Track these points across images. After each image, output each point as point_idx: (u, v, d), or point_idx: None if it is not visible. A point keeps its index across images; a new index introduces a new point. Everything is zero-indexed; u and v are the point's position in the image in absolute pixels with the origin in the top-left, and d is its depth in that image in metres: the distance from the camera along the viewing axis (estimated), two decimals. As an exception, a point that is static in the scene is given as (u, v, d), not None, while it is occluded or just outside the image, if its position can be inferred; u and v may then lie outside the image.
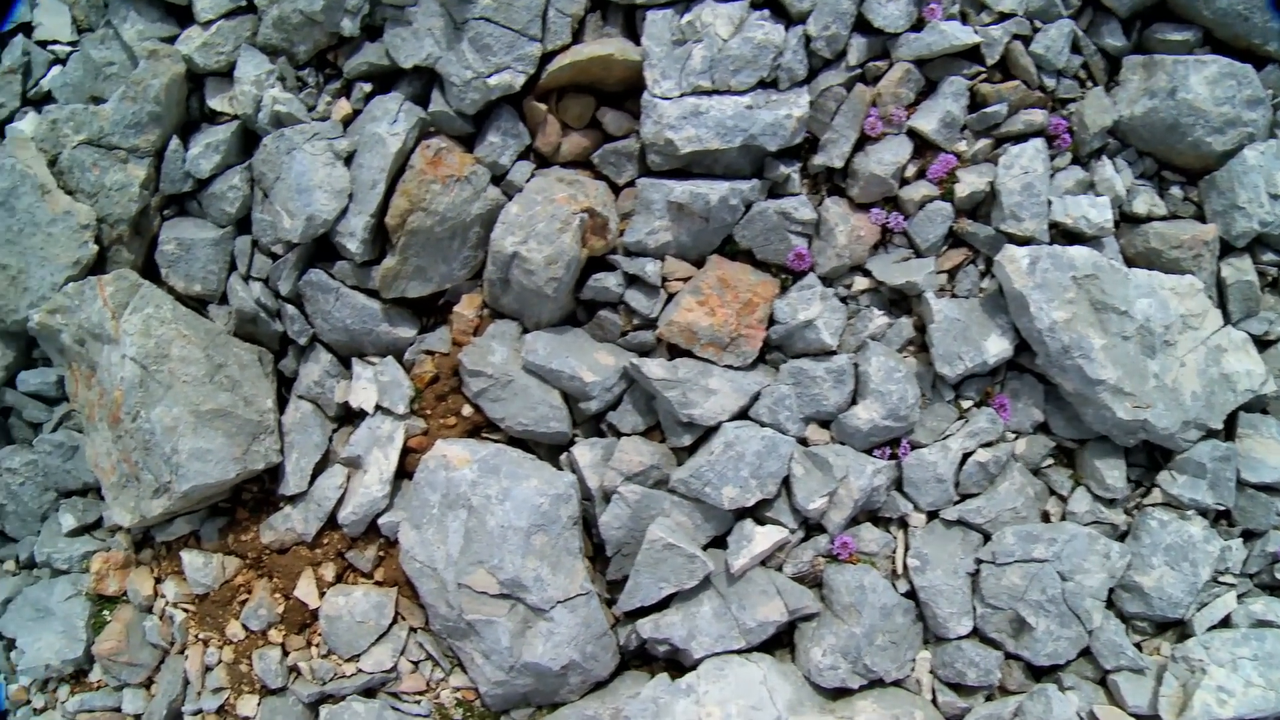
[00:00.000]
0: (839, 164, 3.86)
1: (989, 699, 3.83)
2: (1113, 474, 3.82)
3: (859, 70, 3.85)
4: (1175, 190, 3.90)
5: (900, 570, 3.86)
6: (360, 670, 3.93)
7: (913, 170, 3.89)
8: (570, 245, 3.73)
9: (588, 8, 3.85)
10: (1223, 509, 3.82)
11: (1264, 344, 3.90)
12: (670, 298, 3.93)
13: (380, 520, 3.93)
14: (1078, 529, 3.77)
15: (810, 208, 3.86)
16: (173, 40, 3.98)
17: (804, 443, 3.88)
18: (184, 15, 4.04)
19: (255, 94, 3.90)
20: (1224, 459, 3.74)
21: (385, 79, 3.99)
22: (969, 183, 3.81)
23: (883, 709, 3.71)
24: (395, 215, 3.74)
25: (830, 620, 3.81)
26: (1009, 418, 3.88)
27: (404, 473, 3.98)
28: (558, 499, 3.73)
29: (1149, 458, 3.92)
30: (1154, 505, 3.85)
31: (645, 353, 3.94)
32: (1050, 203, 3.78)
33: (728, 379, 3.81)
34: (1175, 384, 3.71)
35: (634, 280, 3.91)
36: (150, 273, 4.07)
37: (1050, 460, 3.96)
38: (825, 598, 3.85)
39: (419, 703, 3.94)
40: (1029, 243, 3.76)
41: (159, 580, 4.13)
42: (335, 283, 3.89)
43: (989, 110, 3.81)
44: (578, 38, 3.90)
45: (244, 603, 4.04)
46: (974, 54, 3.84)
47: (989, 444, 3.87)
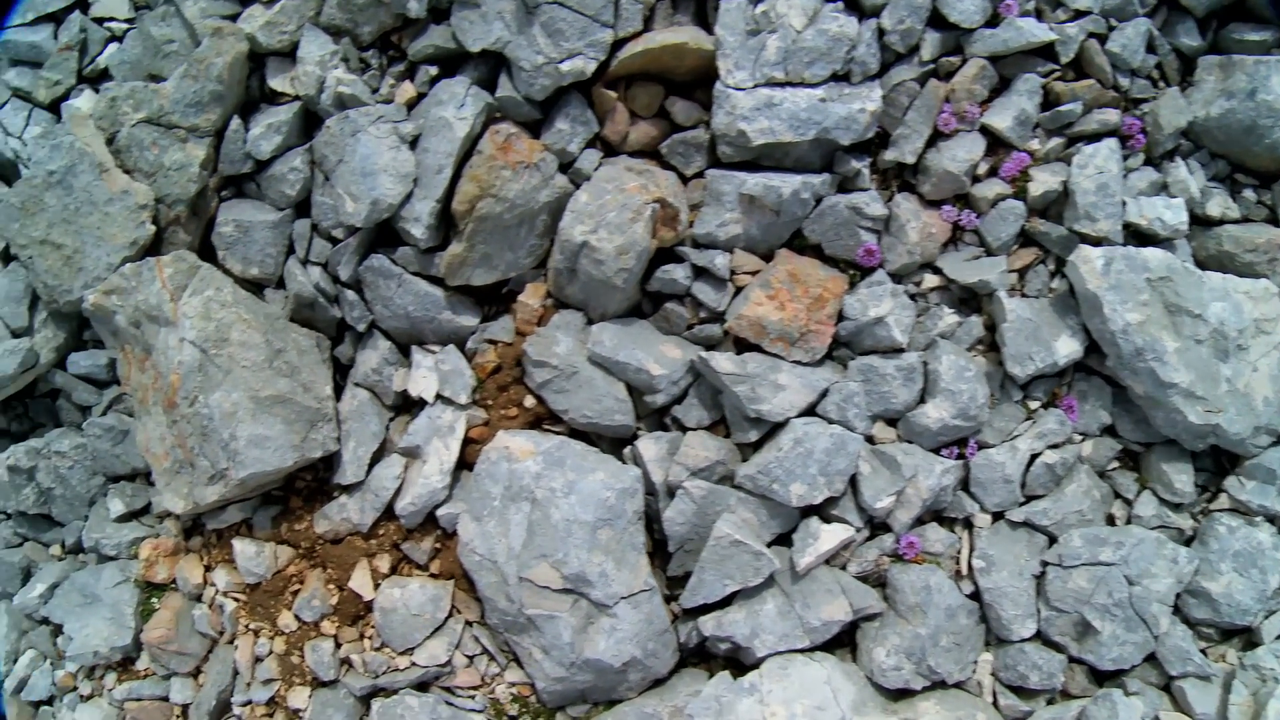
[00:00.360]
0: (911, 160, 3.81)
1: (1050, 703, 3.80)
2: (1180, 478, 3.79)
3: (932, 65, 3.80)
4: (1248, 193, 3.87)
5: (965, 571, 3.83)
6: (414, 664, 3.87)
7: (984, 168, 3.85)
8: (642, 236, 3.67)
9: (660, -6, 3.80)
10: (1292, 516, 3.81)
11: (1335, 350, 3.88)
12: (738, 291, 3.88)
13: (439, 512, 3.86)
14: (1145, 533, 3.75)
15: (881, 203, 3.81)
16: (235, 18, 3.90)
17: (870, 440, 3.84)
18: (247, -7, 3.97)
19: (318, 75, 3.83)
20: (1294, 465, 3.73)
21: (450, 62, 3.92)
22: (1042, 181, 3.77)
23: (945, 710, 3.68)
24: (463, 201, 3.67)
25: (894, 620, 3.77)
26: (1076, 419, 3.85)
27: (463, 464, 3.91)
28: (624, 493, 3.68)
29: (1216, 463, 3.90)
30: (1221, 511, 3.82)
31: (711, 346, 3.88)
32: (1124, 204, 3.74)
33: (796, 375, 3.77)
34: (1247, 389, 3.68)
35: (701, 272, 3.86)
36: (206, 255, 3.99)
37: (1115, 463, 3.93)
38: (889, 597, 3.81)
39: (473, 698, 3.88)
40: (1102, 243, 3.72)
41: (209, 568, 4.05)
42: (398, 269, 3.82)
43: (1063, 109, 3.77)
44: (648, 25, 3.84)
45: (296, 593, 3.97)
46: (1047, 51, 3.80)
47: (1056, 445, 3.84)
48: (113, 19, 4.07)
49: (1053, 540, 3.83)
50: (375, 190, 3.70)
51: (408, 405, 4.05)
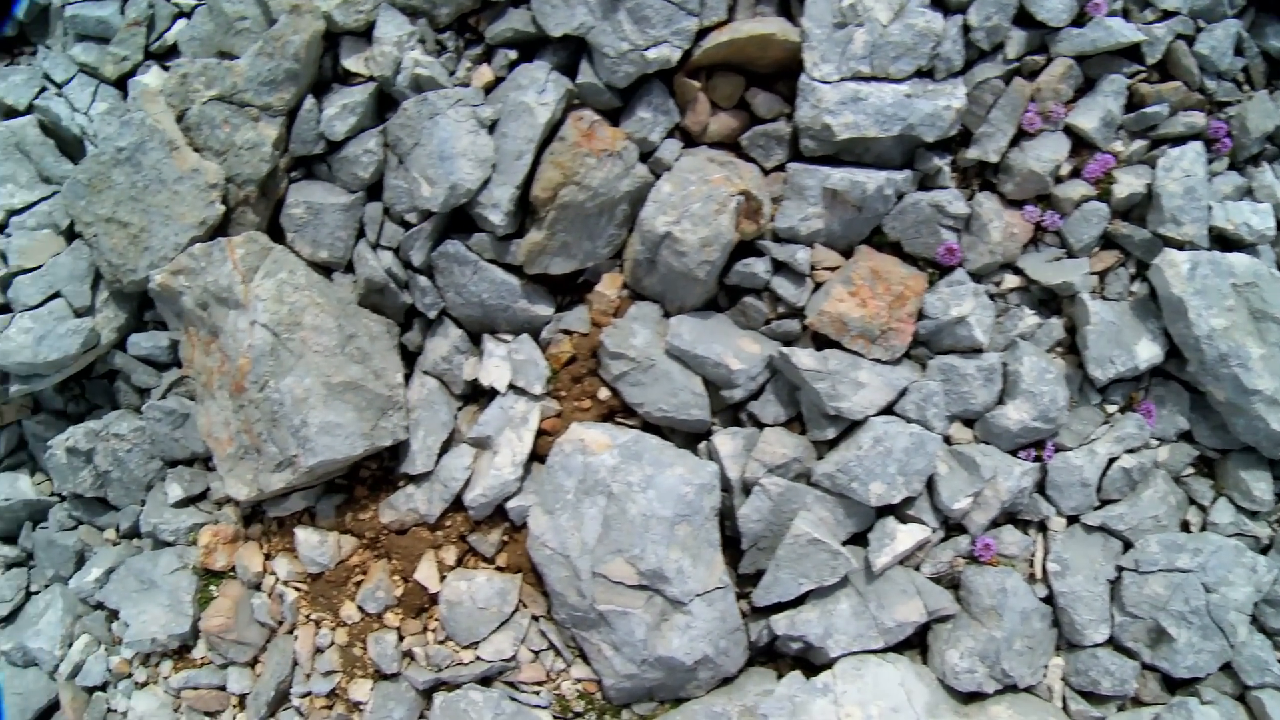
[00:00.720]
0: (994, 159, 3.76)
1: (1122, 709, 3.76)
2: (1259, 486, 3.76)
3: (1016, 64, 3.75)
4: (1333, 200, 3.85)
5: (1039, 574, 3.79)
6: (479, 658, 3.80)
7: (1066, 169, 3.81)
8: (726, 228, 3.61)
9: (744, -16, 3.74)
10: (1370, 526, 3.79)
11: None
12: (817, 287, 3.83)
13: (509, 504, 3.79)
14: (1224, 540, 3.71)
15: (963, 202, 3.76)
16: (311, -4, 3.82)
17: (948, 441, 3.80)
18: (323, -30, 3.89)
19: (395, 56, 3.75)
20: (1375, 475, 3.70)
21: (527, 47, 3.85)
22: (1127, 184, 3.73)
23: (1018, 715, 3.64)
24: (546, 188, 3.61)
25: (967, 622, 3.73)
26: (1154, 424, 3.81)
27: (534, 455, 3.85)
28: (702, 489, 3.62)
29: (1294, 470, 3.87)
30: (1300, 519, 3.80)
31: (789, 341, 3.83)
32: (1210, 208, 3.71)
33: (876, 373, 3.72)
34: (1330, 397, 3.66)
35: (781, 267, 3.81)
36: (273, 237, 3.90)
37: (1191, 469, 3.90)
38: (962, 599, 3.77)
39: (538, 693, 3.81)
40: (1187, 248, 3.68)
41: (268, 557, 3.98)
42: (473, 255, 3.75)
43: (1148, 111, 3.73)
44: (731, 14, 3.78)
45: (359, 584, 3.89)
46: (1132, 52, 3.77)
47: (1133, 450, 3.80)
48: (182, -6, 4.00)
49: (1128, 545, 3.80)
50: (453, 175, 3.63)
51: (476, 395, 3.99)
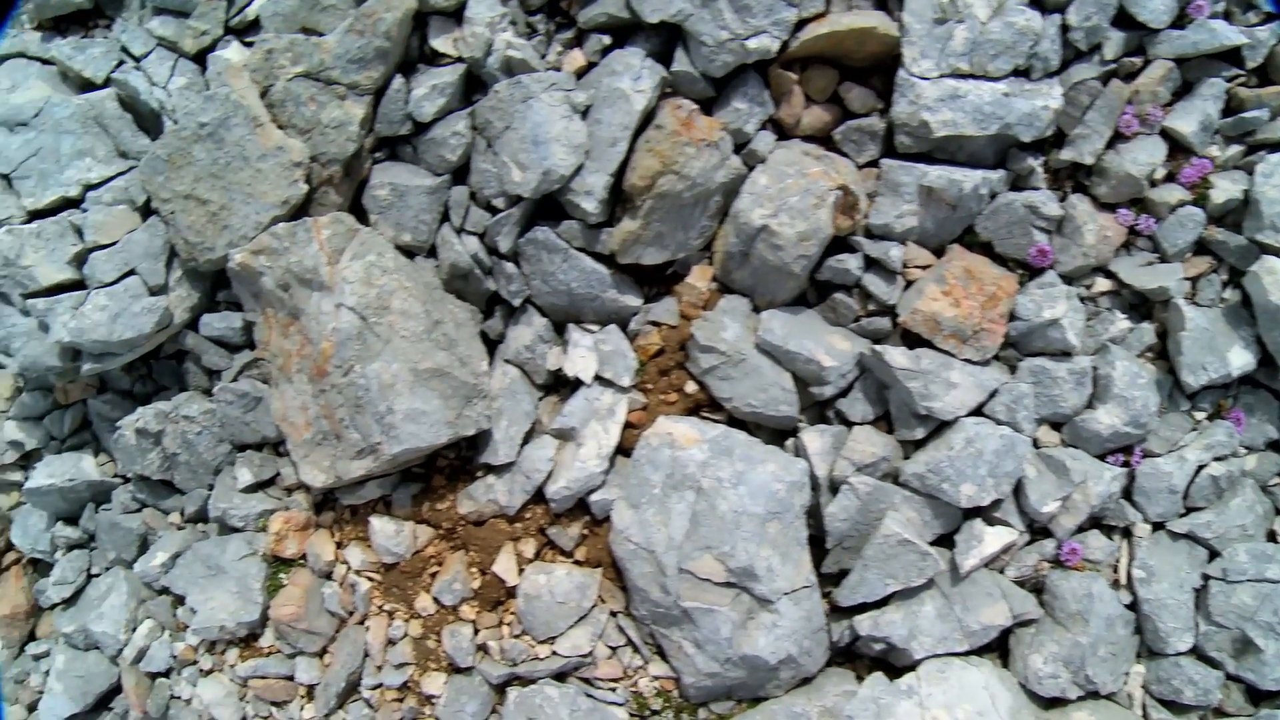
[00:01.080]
0: (1090, 160, 3.72)
1: (1203, 719, 3.74)
2: (1347, 497, 3.74)
3: (1113, 65, 3.71)
4: None
5: (1123, 581, 3.76)
6: (555, 653, 3.74)
7: (1161, 173, 3.77)
8: (825, 222, 3.56)
9: (840, -24, 3.68)
10: None
11: None
12: (907, 285, 3.78)
13: (592, 497, 3.73)
14: (1313, 551, 3.69)
15: (1056, 203, 3.72)
16: (402, -27, 3.74)
17: (1035, 444, 3.76)
18: (414, -52, 3.81)
19: (487, 37, 3.68)
20: None
21: (620, 32, 3.79)
22: (1223, 189, 3.69)
23: (1100, 722, 3.62)
24: (643, 176, 3.54)
25: (1051, 627, 3.69)
26: (1243, 432, 3.78)
27: (618, 448, 3.78)
28: (793, 486, 3.57)
29: (1381, 483, 3.85)
30: (1388, 532, 3.78)
31: (878, 339, 3.78)
32: (1309, 215, 3.67)
33: (968, 373, 3.67)
34: None
35: (872, 264, 3.76)
36: (354, 218, 3.82)
37: (1278, 479, 3.87)
38: (1046, 603, 3.73)
39: (614, 690, 3.76)
40: (1284, 255, 3.65)
41: (340, 545, 3.90)
42: (563, 243, 3.68)
43: (1247, 115, 3.68)
44: (827, 7, 3.72)
45: (435, 575, 3.82)
46: (1232, 55, 3.73)
47: (1221, 458, 3.77)
48: (265, -31, 3.90)
49: (1213, 554, 3.77)
50: (547, 160, 3.56)
51: (557, 385, 3.92)
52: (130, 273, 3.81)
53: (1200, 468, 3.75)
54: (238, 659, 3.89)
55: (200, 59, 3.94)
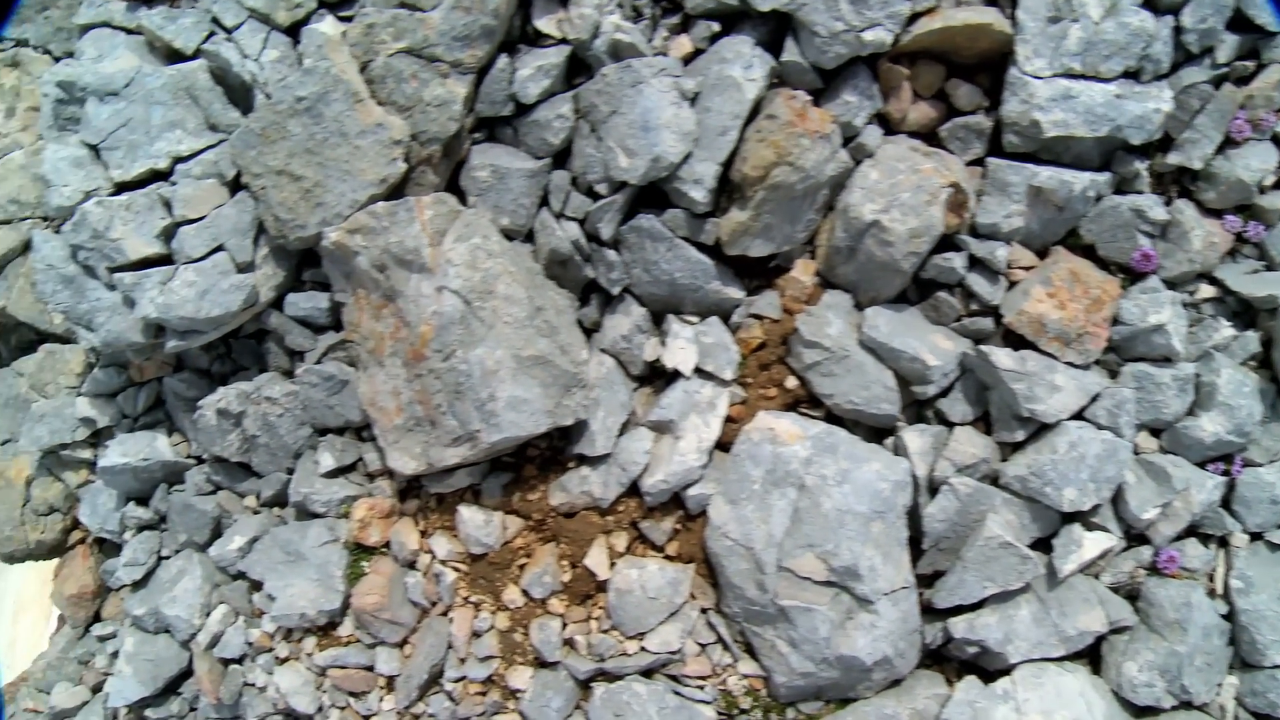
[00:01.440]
0: (1198, 165, 3.68)
1: (1296, 732, 3.72)
2: None
3: (1224, 69, 3.68)
4: None
5: (1220, 590, 3.73)
6: (644, 649, 3.68)
7: (1271, 179, 3.74)
8: (937, 220, 3.51)
9: (952, -29, 3.63)
10: None
11: None
12: (1010, 285, 3.73)
13: (688, 492, 3.66)
14: None
15: (1163, 208, 3.69)
16: (510, -49, 3.65)
17: (1134, 449, 3.72)
18: (520, -76, 3.72)
19: (594, 19, 3.60)
20: None
21: (728, 19, 3.72)
22: (1332, 198, 3.67)
23: (1193, 732, 3.59)
24: (756, 167, 3.48)
25: (1146, 635, 3.66)
26: (1341, 444, 3.77)
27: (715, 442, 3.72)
28: (897, 486, 3.52)
29: None
30: None
31: (980, 339, 3.74)
32: None
33: (1071, 376, 3.63)
34: None
35: (976, 263, 3.71)
36: (450, 201, 3.74)
37: (1373, 493, 3.85)
38: (1141, 611, 3.70)
39: (702, 688, 3.70)
40: (1393, 267, 3.64)
41: (425, 534, 3.82)
42: (669, 232, 3.61)
43: (1356, 124, 3.67)
44: (938, 2, 3.67)
45: (523, 567, 3.75)
46: (1344, 62, 3.70)
47: (1321, 469, 3.76)
48: (364, -60, 3.80)
49: (1309, 565, 3.76)
50: (656, 146, 3.49)
51: (652, 377, 3.85)
52: (218, 249, 3.71)
53: (1299, 478, 3.73)
54: (315, 648, 3.80)
55: (293, 32, 3.83)
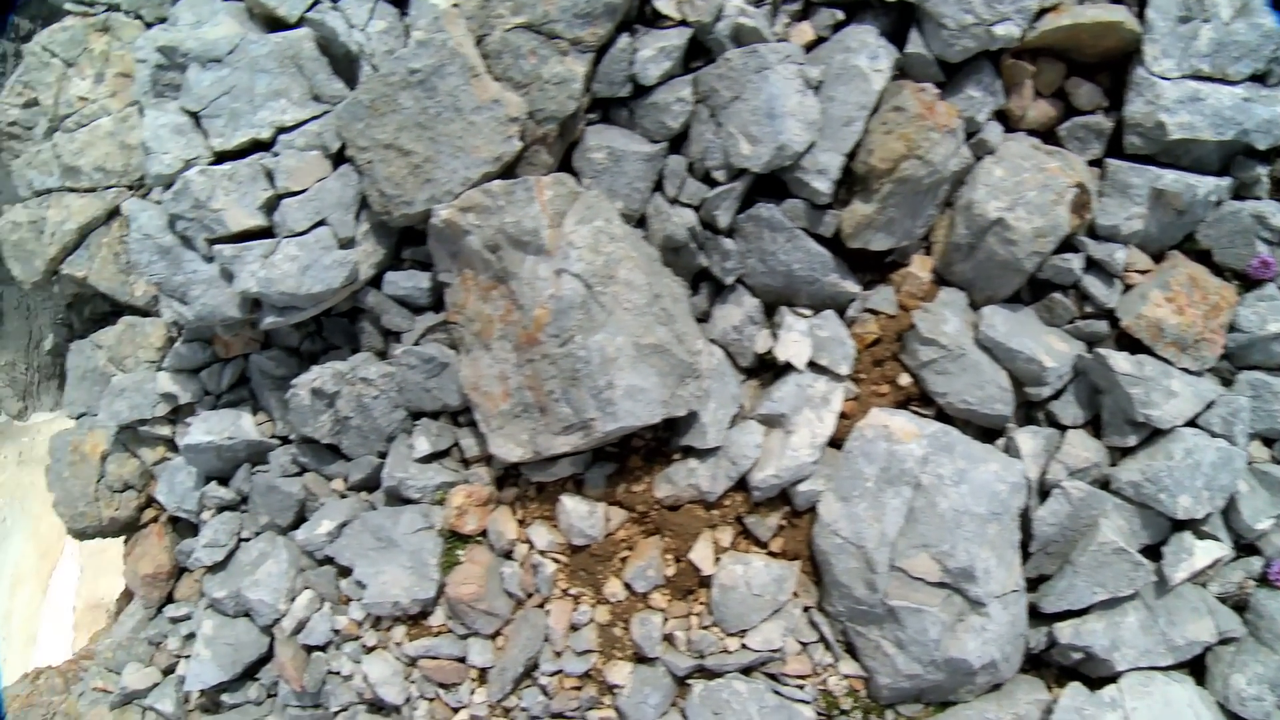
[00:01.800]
0: (1319, 172, 3.66)
1: (1395, 747, 3.70)
2: None
3: (1347, 74, 3.65)
4: None
5: (1325, 604, 3.70)
6: (745, 646, 3.60)
7: (1386, 190, 3.72)
8: (1064, 220, 3.46)
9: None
10: None
11: None
12: (1126, 288, 3.69)
13: (797, 488, 3.59)
14: None
15: (1282, 214, 3.65)
16: (633, -72, 3.56)
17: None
18: (640, -97, 3.63)
19: (718, 2, 3.52)
20: None
21: (850, 8, 3.64)
22: None
23: (1296, 745, 3.56)
24: (885, 159, 3.41)
25: (1255, 648, 3.63)
26: None
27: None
28: (1014, 488, 3.47)
29: None
30: None
31: (1093, 342, 3.69)
32: None
33: (1187, 382, 3.59)
34: None
35: (1092, 265, 3.66)
36: (561, 183, 3.64)
37: None
38: (1250, 622, 3.67)
39: (802, 687, 3.63)
40: None
41: (523, 523, 3.72)
42: (790, 223, 3.53)
43: None
44: (1060, -2, 3.62)
45: (624, 560, 3.66)
46: None
47: None
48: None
49: None
50: (782, 134, 3.41)
51: (759, 369, 3.77)
52: (320, 223, 3.60)
53: None
54: (405, 637, 3.69)
55: (400, 3, 3.73)
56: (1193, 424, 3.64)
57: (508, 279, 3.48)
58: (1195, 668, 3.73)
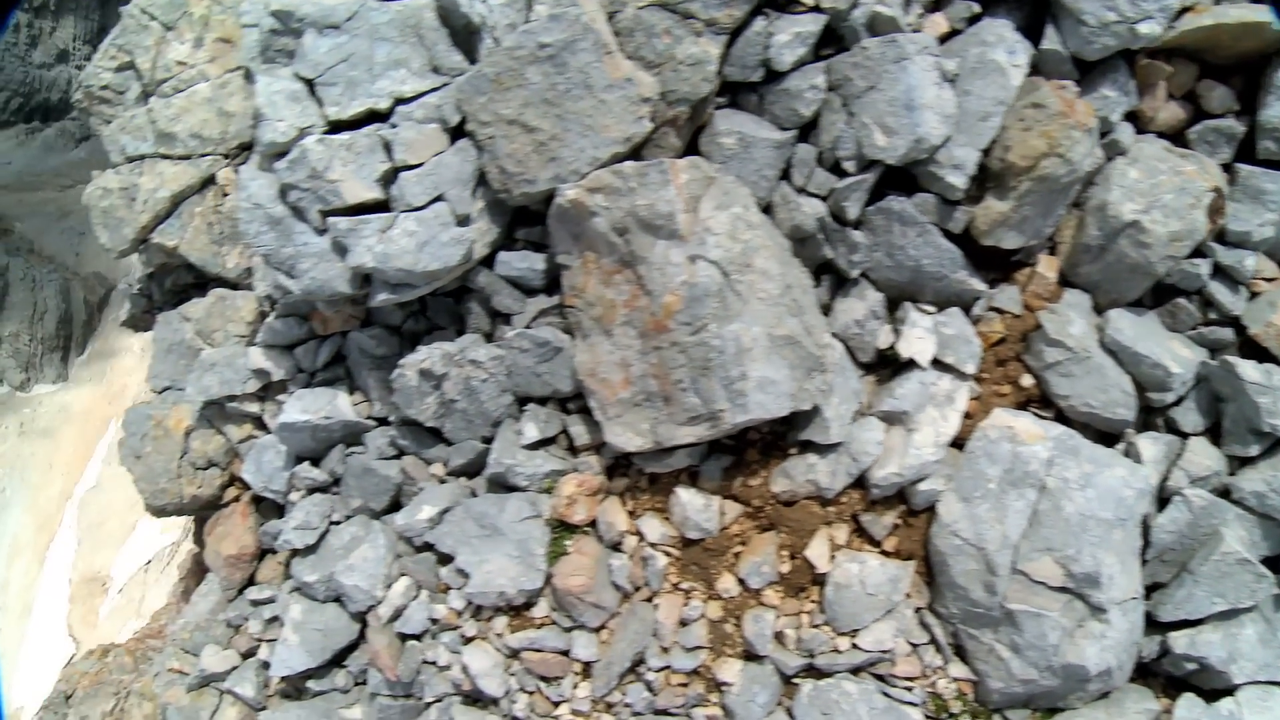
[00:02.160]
0: None
1: None
2: None
3: None
4: None
5: None
6: (856, 646, 3.54)
7: None
8: (1201, 224, 3.41)
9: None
10: None
11: None
12: (1252, 296, 3.65)
13: (918, 487, 3.52)
14: None
15: None
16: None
17: (1362, 473, 3.66)
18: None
19: (855, -11, 3.44)
20: None
21: (986, 1, 3.58)
22: None
23: (1404, 761, 3.54)
24: (1025, 156, 3.34)
25: (1366, 662, 3.61)
26: None
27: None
28: (1140, 494, 3.42)
29: None
30: None
31: (1216, 349, 3.65)
32: None
33: (1311, 393, 3.56)
34: None
35: (1219, 271, 3.62)
36: (685, 167, 3.54)
37: None
38: (1359, 638, 3.65)
39: (911, 689, 3.57)
40: None
41: (633, 515, 3.63)
42: (922, 217, 3.46)
43: None
44: (1194, -1, 3.57)
45: (738, 555, 3.58)
46: None
47: None
48: (608, -116, 3.58)
49: None
50: (919, 127, 3.34)
51: (879, 364, 3.69)
52: (438, 198, 3.48)
53: None
54: (506, 628, 3.59)
55: (525, -25, 3.61)
56: (1313, 435, 3.62)
57: (635, 263, 3.38)
58: (1301, 682, 3.72)
